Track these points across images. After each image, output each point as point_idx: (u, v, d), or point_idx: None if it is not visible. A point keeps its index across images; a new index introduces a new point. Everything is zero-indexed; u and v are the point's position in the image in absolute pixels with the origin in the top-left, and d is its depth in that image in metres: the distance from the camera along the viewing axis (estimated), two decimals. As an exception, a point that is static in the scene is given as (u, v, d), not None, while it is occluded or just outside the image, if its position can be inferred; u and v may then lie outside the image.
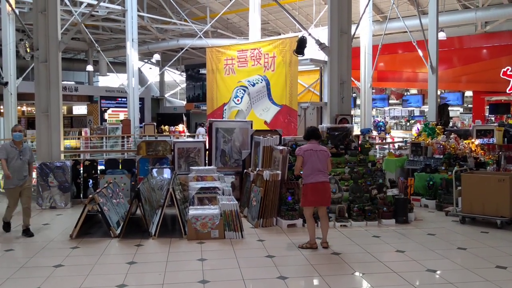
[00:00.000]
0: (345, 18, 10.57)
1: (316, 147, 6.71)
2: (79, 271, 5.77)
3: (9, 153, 7.44)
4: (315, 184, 6.58)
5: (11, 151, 7.47)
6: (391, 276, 5.57)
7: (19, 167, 7.46)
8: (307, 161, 6.61)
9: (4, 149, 7.49)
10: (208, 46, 16.21)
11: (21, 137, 7.62)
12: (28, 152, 7.66)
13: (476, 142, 10.75)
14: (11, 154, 7.45)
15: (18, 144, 7.55)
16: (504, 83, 20.86)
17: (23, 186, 7.52)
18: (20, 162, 7.48)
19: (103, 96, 30.70)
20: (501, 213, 7.71)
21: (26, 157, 7.58)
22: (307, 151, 6.66)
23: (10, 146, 7.52)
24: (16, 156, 7.46)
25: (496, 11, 19.32)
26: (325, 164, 6.66)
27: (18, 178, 7.44)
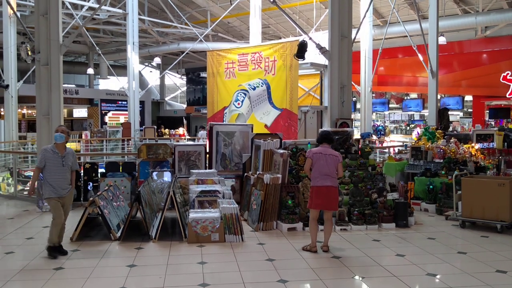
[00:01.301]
0: (346, 23, 10.60)
1: (326, 151, 6.71)
2: (80, 273, 5.77)
3: (49, 159, 6.43)
4: (320, 188, 6.60)
5: (52, 157, 6.45)
6: (391, 280, 5.58)
7: (61, 176, 6.47)
8: (315, 163, 6.63)
9: (43, 155, 6.44)
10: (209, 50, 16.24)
11: (62, 138, 6.52)
12: (71, 157, 6.62)
13: (476, 147, 10.76)
14: (52, 160, 6.44)
15: (60, 148, 6.51)
16: (504, 87, 20.91)
17: (65, 199, 6.55)
18: (63, 169, 6.48)
19: (103, 99, 30.76)
20: (501, 218, 7.71)
21: (69, 163, 6.57)
22: (316, 153, 6.68)
23: (51, 151, 6.47)
24: (57, 162, 6.46)
25: (496, 16, 19.40)
26: (333, 168, 6.62)
27: (61, 187, 6.47)
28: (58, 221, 6.41)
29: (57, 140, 6.49)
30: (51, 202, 6.46)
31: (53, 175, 6.42)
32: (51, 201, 6.46)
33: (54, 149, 6.48)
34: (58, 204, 6.46)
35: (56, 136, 6.50)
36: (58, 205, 6.46)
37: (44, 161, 6.41)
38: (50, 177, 6.42)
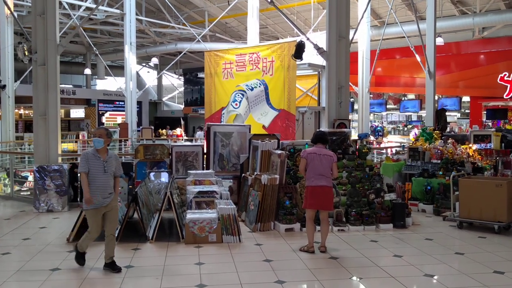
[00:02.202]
0: (343, 23, 10.59)
1: (320, 151, 6.71)
2: (76, 275, 5.75)
3: (92, 165, 5.79)
4: (314, 188, 6.61)
5: (95, 162, 5.82)
6: (388, 281, 5.57)
7: (103, 183, 5.84)
8: (310, 164, 6.64)
9: (85, 160, 5.80)
10: (207, 50, 16.22)
11: (101, 143, 5.86)
12: (114, 162, 5.98)
13: (473, 147, 10.76)
14: (94, 166, 5.80)
15: (102, 153, 5.88)
16: (502, 88, 20.95)
17: (108, 207, 5.89)
18: (105, 176, 5.84)
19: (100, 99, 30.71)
20: (499, 218, 7.71)
21: (112, 169, 5.94)
22: (310, 154, 6.68)
23: (93, 156, 5.85)
24: (100, 168, 5.82)
25: (493, 17, 19.44)
26: (328, 168, 6.62)
27: (102, 196, 5.80)
28: (93, 236, 5.89)
29: (96, 146, 5.85)
30: (89, 212, 5.84)
31: (94, 182, 5.77)
32: (89, 211, 5.84)
33: (96, 154, 5.83)
34: (97, 216, 5.83)
35: (95, 142, 5.86)
36: (96, 217, 5.83)
37: (88, 166, 5.78)
38: (92, 185, 5.77)
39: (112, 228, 5.93)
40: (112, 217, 5.95)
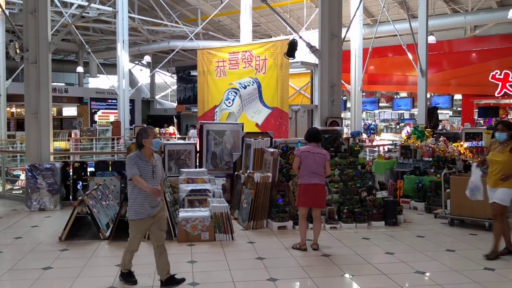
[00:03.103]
0: (336, 22, 10.62)
1: (314, 149, 6.73)
2: (68, 273, 5.74)
3: (141, 170, 5.13)
4: (307, 186, 6.65)
5: (143, 167, 5.15)
6: (380, 278, 5.61)
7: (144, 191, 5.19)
8: (303, 162, 6.66)
9: (134, 163, 5.12)
10: (199, 48, 16.20)
11: (159, 145, 5.44)
12: (160, 166, 5.40)
13: (465, 145, 10.83)
14: (143, 170, 5.15)
15: (149, 156, 5.23)
16: (493, 86, 21.08)
17: (156, 217, 5.26)
18: (154, 181, 5.20)
19: (93, 97, 30.58)
20: (489, 216, 7.74)
21: (160, 173, 5.36)
22: (304, 152, 6.71)
23: (140, 159, 5.17)
24: (149, 173, 5.18)
25: (485, 15, 19.54)
26: (321, 166, 6.65)
27: (151, 205, 5.20)
28: (134, 249, 5.34)
29: (156, 147, 5.26)
30: (135, 224, 5.23)
31: (142, 190, 5.13)
32: (135, 222, 5.22)
33: (142, 157, 5.18)
34: (143, 228, 5.28)
35: (156, 143, 5.24)
36: (141, 229, 5.29)
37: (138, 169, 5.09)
38: (142, 193, 5.14)
39: (161, 237, 5.29)
40: (162, 226, 5.33)
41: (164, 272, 5.22)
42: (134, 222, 5.23)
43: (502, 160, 6.29)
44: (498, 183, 6.29)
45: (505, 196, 6.30)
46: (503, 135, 6.37)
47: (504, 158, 6.28)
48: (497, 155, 6.38)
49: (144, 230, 5.33)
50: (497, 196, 6.34)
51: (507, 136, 6.35)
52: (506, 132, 6.36)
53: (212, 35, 26.54)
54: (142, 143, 5.18)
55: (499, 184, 6.28)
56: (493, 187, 6.38)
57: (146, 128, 5.32)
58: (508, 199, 6.34)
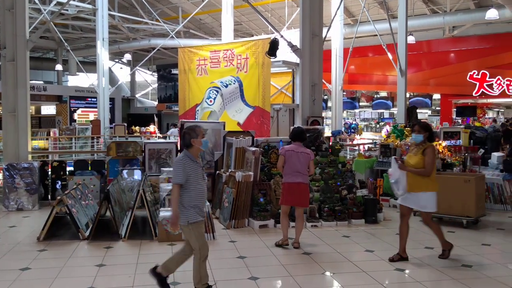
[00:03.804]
0: (317, 21, 10.67)
1: (298, 148, 6.78)
2: (47, 274, 5.66)
3: (192, 171, 4.78)
4: (290, 184, 6.71)
5: (194, 168, 4.81)
6: (360, 276, 5.66)
7: (204, 190, 4.94)
8: (287, 161, 6.70)
9: (183, 167, 4.73)
10: (180, 46, 16.12)
11: (208, 144, 5.28)
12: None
13: (443, 144, 10.98)
14: (195, 171, 4.81)
15: (197, 156, 4.95)
16: (471, 86, 21.45)
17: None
18: (204, 182, 4.95)
19: (72, 96, 30.19)
20: (467, 213, 7.91)
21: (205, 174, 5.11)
22: (288, 151, 6.75)
23: (190, 160, 4.82)
24: (200, 173, 4.88)
25: (463, 16, 19.86)
26: (305, 165, 6.70)
27: (203, 206, 4.96)
28: (205, 253, 4.87)
29: (204, 147, 4.99)
30: (198, 228, 4.84)
31: (195, 191, 4.80)
32: (198, 227, 4.84)
33: (192, 157, 4.86)
34: (202, 230, 4.94)
35: (204, 143, 4.95)
36: (202, 231, 4.95)
37: (186, 174, 4.74)
38: (193, 194, 4.81)
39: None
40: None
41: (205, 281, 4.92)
42: (195, 225, 4.81)
43: (414, 163, 6.01)
44: (413, 187, 5.99)
45: (426, 203, 6.03)
46: (420, 136, 6.08)
47: (416, 161, 6.00)
48: (412, 157, 6.12)
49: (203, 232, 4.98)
50: (419, 204, 6.07)
51: (424, 137, 6.06)
52: (423, 133, 6.06)
53: (193, 33, 26.42)
54: (191, 143, 4.85)
55: (415, 188, 5.98)
56: (408, 191, 6.03)
57: (194, 127, 4.98)
58: (431, 204, 6.07)
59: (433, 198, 6.09)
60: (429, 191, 6.04)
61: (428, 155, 5.95)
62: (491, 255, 6.69)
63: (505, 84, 20.75)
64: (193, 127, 4.97)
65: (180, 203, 4.78)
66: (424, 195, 6.01)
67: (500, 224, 8.30)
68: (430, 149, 6.00)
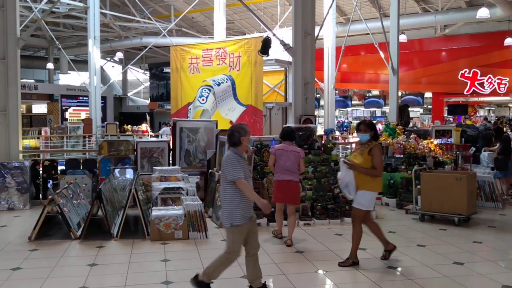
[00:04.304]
0: (309, 20, 10.68)
1: (288, 147, 6.89)
2: (38, 274, 5.63)
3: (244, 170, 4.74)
4: (280, 182, 6.84)
5: (244, 166, 4.76)
6: (353, 274, 5.68)
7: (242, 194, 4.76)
8: (277, 159, 6.85)
9: (237, 163, 4.67)
10: (172, 45, 16.06)
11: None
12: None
13: (435, 142, 11.04)
14: (245, 170, 4.75)
15: (243, 154, 4.92)
16: (462, 84, 21.57)
17: (252, 220, 4.86)
18: (250, 181, 4.87)
19: (64, 94, 29.94)
20: (459, 211, 7.96)
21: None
22: (278, 150, 6.92)
23: (241, 158, 4.76)
24: (248, 172, 4.82)
25: (454, 15, 19.95)
26: (295, 164, 6.80)
27: (250, 207, 4.82)
28: (234, 258, 4.79)
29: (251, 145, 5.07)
30: (240, 230, 4.71)
31: (238, 192, 4.71)
32: (240, 229, 4.71)
33: (241, 155, 4.80)
34: (244, 234, 4.77)
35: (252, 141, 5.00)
36: (244, 236, 4.78)
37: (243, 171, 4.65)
38: (241, 194, 4.69)
39: (257, 244, 4.92)
40: (256, 229, 4.95)
41: (258, 280, 4.91)
42: (238, 228, 4.68)
43: (360, 162, 5.82)
44: (358, 186, 5.82)
45: (364, 200, 5.83)
46: (366, 135, 5.88)
47: (361, 161, 5.82)
48: (357, 156, 5.93)
49: (243, 238, 4.80)
50: (356, 200, 5.87)
51: (370, 137, 5.87)
52: (369, 132, 5.87)
53: (186, 31, 26.32)
54: (241, 141, 4.76)
55: (359, 186, 5.81)
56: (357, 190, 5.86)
57: (243, 125, 4.95)
58: (368, 203, 5.88)
59: (373, 198, 5.96)
60: (372, 191, 5.85)
61: (376, 155, 5.76)
62: (483, 253, 6.73)
63: (496, 83, 20.89)
64: (242, 125, 4.93)
65: (228, 202, 4.72)
66: (365, 193, 5.79)
67: (491, 222, 8.36)
68: (376, 148, 5.81)
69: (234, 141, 4.78)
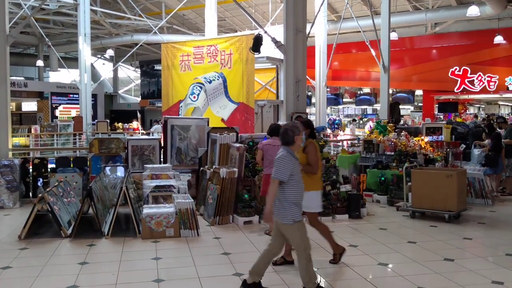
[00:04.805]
0: (301, 17, 10.67)
1: (275, 142, 6.93)
2: (28, 272, 5.58)
3: (295, 168, 4.72)
4: (268, 176, 6.75)
5: (296, 165, 4.76)
6: (344, 270, 5.69)
7: (303, 187, 4.85)
8: (265, 154, 7.07)
9: (289, 163, 4.68)
10: (164, 42, 16.00)
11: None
12: None
13: (425, 140, 11.10)
14: (296, 169, 4.76)
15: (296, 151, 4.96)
16: (452, 82, 21.71)
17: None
18: (300, 178, 4.85)
19: (54, 92, 29.76)
20: (449, 208, 8.01)
21: None
22: (266, 145, 7.13)
23: (294, 158, 4.77)
24: (297, 170, 4.79)
25: (445, 13, 20.07)
26: None
27: (301, 203, 4.87)
28: (309, 251, 4.78)
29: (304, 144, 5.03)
30: (303, 226, 4.77)
31: (298, 188, 4.75)
32: (303, 225, 4.77)
33: (294, 154, 4.80)
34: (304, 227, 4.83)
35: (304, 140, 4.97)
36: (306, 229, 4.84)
37: (291, 172, 4.68)
38: (296, 191, 4.73)
39: (282, 246, 5.10)
40: None
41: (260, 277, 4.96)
42: (300, 223, 4.73)
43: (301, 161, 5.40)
44: None
45: (311, 203, 5.66)
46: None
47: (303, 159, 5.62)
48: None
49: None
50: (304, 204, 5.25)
51: (305, 135, 5.59)
52: (304, 130, 5.46)
53: (177, 29, 26.24)
54: (294, 140, 4.77)
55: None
56: None
57: (297, 123, 4.99)
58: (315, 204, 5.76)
59: (317, 198, 5.79)
60: (312, 190, 5.62)
61: (311, 152, 5.64)
62: (472, 249, 6.79)
63: (486, 81, 21.04)
64: (295, 124, 4.95)
65: (284, 201, 4.69)
66: (306, 194, 5.32)
67: (481, 218, 8.42)
68: (311, 145, 5.68)
69: (288, 140, 4.78)
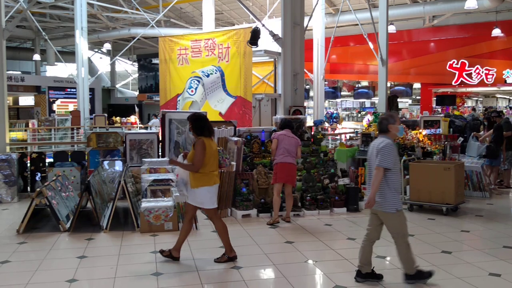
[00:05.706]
0: (298, 10, 10.64)
1: (289, 133, 7.63)
2: (27, 266, 5.59)
3: (396, 155, 4.91)
4: (284, 164, 7.46)
5: (396, 151, 4.94)
6: (342, 264, 5.71)
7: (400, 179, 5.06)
8: (280, 143, 7.53)
9: (394, 152, 4.85)
10: (161, 36, 15.94)
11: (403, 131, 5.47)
12: None
13: (423, 133, 11.11)
14: (397, 157, 4.95)
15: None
16: (450, 75, 21.69)
17: None
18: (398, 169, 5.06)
19: (51, 86, 29.62)
20: (447, 201, 8.03)
21: None
22: (281, 135, 7.61)
23: (393, 143, 4.95)
24: (397, 160, 4.96)
25: (443, 6, 19.99)
26: (294, 148, 7.54)
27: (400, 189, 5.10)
28: (407, 238, 5.01)
29: (400, 134, 5.13)
30: (403, 214, 4.95)
31: (399, 176, 4.95)
32: (403, 213, 4.95)
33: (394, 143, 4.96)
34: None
35: (400, 129, 5.05)
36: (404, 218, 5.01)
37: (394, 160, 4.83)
38: (397, 179, 4.91)
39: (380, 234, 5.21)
40: None
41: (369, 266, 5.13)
42: (401, 212, 4.92)
43: (188, 157, 5.66)
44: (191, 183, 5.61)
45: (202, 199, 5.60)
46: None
47: (189, 156, 5.66)
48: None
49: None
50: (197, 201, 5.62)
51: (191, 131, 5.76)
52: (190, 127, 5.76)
53: (174, 22, 26.12)
54: (388, 128, 4.92)
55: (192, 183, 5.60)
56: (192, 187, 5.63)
57: (393, 113, 5.15)
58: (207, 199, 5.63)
59: (207, 194, 5.61)
60: (201, 187, 5.56)
61: (196, 149, 5.54)
62: (470, 241, 6.82)
63: (484, 74, 21.03)
64: (392, 113, 5.14)
65: (387, 189, 4.82)
66: (197, 191, 5.55)
67: (478, 211, 8.45)
68: (197, 143, 5.57)
69: (382, 128, 4.97)
